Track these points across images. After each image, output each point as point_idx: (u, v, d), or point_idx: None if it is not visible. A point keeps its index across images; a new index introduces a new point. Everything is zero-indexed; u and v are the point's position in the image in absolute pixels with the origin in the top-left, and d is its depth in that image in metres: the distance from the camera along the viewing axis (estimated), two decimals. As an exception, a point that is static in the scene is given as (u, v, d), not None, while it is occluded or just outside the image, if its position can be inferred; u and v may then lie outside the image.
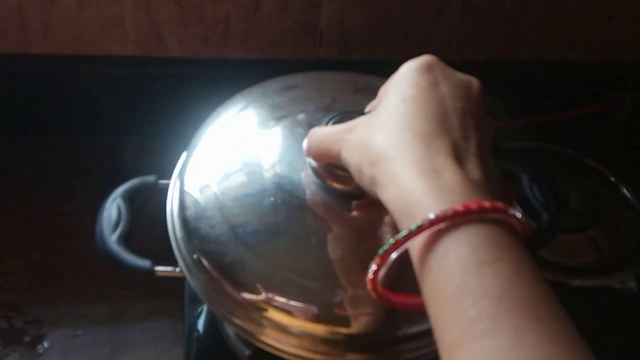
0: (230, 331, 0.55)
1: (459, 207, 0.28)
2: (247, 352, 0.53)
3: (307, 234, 0.39)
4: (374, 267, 0.32)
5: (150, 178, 0.49)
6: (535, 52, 0.77)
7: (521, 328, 0.26)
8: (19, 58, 0.68)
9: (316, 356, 0.38)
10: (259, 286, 0.38)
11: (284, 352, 0.38)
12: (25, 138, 0.75)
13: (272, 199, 0.40)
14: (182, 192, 0.43)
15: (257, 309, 0.38)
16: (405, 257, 0.31)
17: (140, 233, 0.52)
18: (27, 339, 0.60)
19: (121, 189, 0.48)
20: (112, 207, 0.47)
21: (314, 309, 0.37)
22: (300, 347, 0.38)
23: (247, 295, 0.38)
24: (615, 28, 0.77)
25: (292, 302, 0.37)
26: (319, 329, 0.37)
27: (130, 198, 0.48)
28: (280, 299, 0.37)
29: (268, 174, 0.41)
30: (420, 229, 0.29)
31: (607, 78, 0.82)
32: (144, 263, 0.45)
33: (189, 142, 0.48)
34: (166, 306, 0.63)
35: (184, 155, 0.47)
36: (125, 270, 0.45)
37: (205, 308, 0.59)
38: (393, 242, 0.30)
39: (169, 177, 0.51)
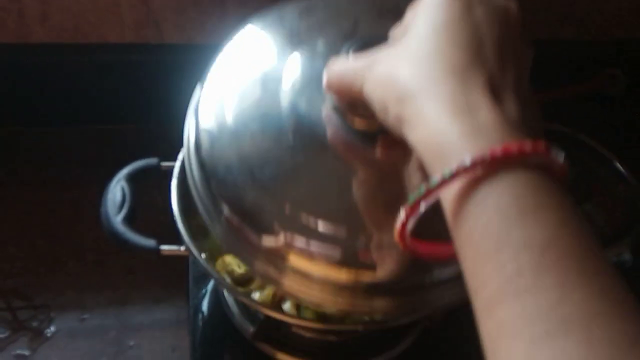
0: (235, 309, 0.56)
1: (498, 151, 0.25)
2: (251, 329, 0.54)
3: (328, 177, 0.37)
4: (402, 217, 0.29)
5: (152, 160, 0.50)
6: (528, 31, 0.78)
7: (567, 283, 0.23)
8: (17, 48, 0.69)
9: (339, 300, 0.37)
10: (279, 231, 0.36)
11: (308, 297, 0.37)
12: (26, 128, 0.76)
13: (290, 139, 0.37)
14: (197, 133, 0.40)
15: (279, 255, 0.36)
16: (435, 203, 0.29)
17: (143, 215, 0.53)
18: (34, 323, 0.61)
19: (125, 171, 0.49)
20: (117, 189, 0.47)
21: (336, 254, 0.35)
22: (324, 292, 0.36)
23: (268, 241, 0.36)
24: (608, 5, 0.77)
25: (314, 247, 0.35)
26: (342, 275, 0.36)
27: (133, 180, 0.49)
28: (302, 244, 0.36)
29: (286, 112, 0.38)
30: (454, 175, 0.26)
31: (600, 55, 0.82)
32: (149, 242, 0.46)
33: (203, 75, 0.44)
34: (171, 289, 0.64)
35: (197, 90, 0.43)
36: (131, 250, 0.46)
37: (209, 289, 0.60)
38: (424, 190, 0.27)
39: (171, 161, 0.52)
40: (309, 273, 0.36)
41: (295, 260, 0.36)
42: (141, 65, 0.72)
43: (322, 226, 0.35)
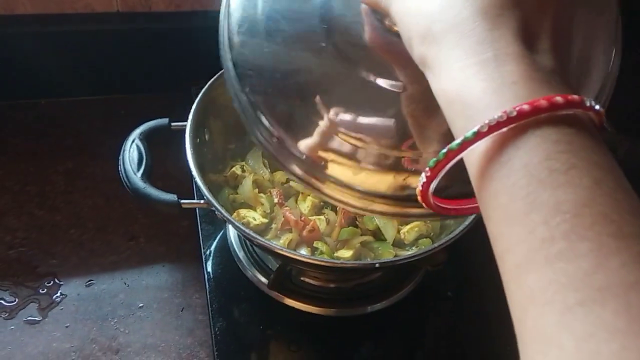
0: (247, 263, 0.58)
1: (525, 107, 0.23)
2: (263, 279, 0.56)
3: (366, 82, 0.34)
4: (423, 179, 0.27)
5: (163, 120, 0.52)
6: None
7: (604, 248, 0.21)
8: (4, 19, 0.68)
9: (377, 207, 0.36)
10: (318, 139, 0.34)
11: (347, 203, 0.36)
12: (15, 100, 0.75)
13: (323, 44, 0.34)
14: (230, 39, 0.37)
15: (318, 164, 0.35)
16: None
17: (156, 174, 0.54)
18: (42, 290, 0.61)
19: (138, 130, 0.50)
20: (133, 148, 0.48)
21: (376, 163, 0.34)
22: (363, 200, 0.36)
23: (307, 149, 0.35)
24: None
25: (354, 156, 0.34)
26: (381, 186, 0.35)
27: (147, 138, 0.50)
28: (342, 153, 0.34)
29: (320, 14, 0.35)
30: (477, 136, 0.24)
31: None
32: (170, 197, 0.48)
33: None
34: (173, 252, 0.65)
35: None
36: (152, 205, 0.47)
37: (218, 246, 0.61)
38: (446, 152, 0.25)
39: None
40: (347, 182, 0.35)
41: (334, 169, 0.35)
42: (128, 35, 0.72)
43: (361, 135, 0.34)
